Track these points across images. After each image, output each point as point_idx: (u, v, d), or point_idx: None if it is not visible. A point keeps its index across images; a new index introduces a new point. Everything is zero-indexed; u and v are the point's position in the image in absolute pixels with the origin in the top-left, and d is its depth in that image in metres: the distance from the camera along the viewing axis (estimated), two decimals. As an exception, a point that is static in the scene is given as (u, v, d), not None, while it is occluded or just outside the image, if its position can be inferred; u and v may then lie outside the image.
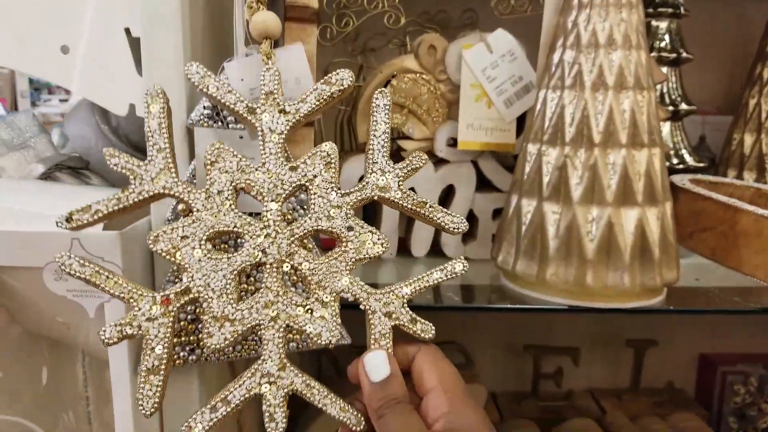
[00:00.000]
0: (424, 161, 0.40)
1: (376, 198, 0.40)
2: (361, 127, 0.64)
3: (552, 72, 0.54)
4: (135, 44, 0.46)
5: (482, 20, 0.84)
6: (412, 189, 0.65)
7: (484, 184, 0.66)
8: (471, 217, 0.67)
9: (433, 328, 0.40)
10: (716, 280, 0.61)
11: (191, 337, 0.44)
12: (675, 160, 0.75)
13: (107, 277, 0.36)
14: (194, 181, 0.44)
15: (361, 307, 0.39)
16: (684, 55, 0.75)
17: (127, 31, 0.46)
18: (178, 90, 0.44)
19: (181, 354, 0.45)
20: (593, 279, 0.51)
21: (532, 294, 0.55)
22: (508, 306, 0.54)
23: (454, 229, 0.40)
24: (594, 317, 0.98)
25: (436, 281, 0.40)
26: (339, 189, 0.39)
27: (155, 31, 0.45)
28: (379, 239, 0.39)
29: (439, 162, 0.66)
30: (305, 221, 0.39)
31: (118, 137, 0.70)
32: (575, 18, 0.53)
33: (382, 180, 0.39)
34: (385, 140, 0.39)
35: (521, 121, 0.64)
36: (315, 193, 0.38)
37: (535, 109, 0.56)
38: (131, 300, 0.37)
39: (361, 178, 0.41)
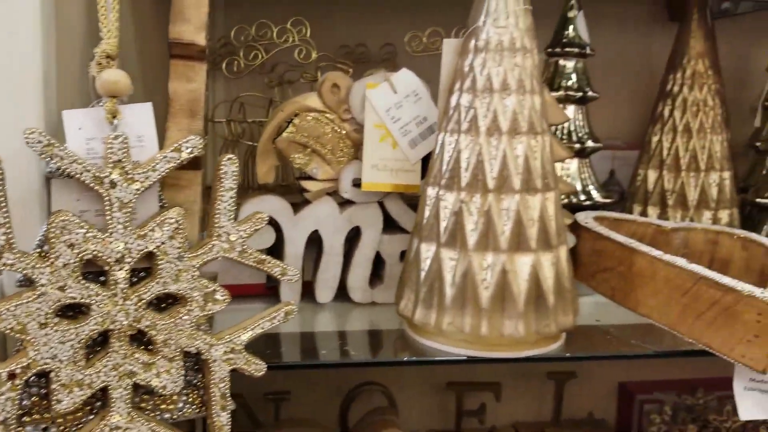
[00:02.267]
0: (264, 221, 0.44)
1: (220, 258, 0.43)
2: (260, 167, 0.62)
3: (450, 115, 0.54)
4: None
5: (400, 56, 0.84)
6: (317, 231, 0.63)
7: (391, 226, 0.65)
8: (379, 260, 0.65)
9: (265, 366, 0.45)
10: (617, 319, 0.61)
11: (44, 415, 0.41)
12: (582, 197, 0.76)
13: None
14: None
15: (203, 357, 0.43)
16: (590, 93, 0.76)
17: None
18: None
19: None
20: (488, 328, 0.50)
21: (431, 344, 0.53)
22: (405, 360, 0.53)
23: (289, 280, 0.46)
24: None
25: (268, 328, 0.45)
26: (185, 253, 0.41)
27: (13, 69, 0.42)
28: (221, 297, 0.43)
29: (345, 203, 0.64)
30: (152, 285, 0.41)
31: None
32: (471, 62, 0.53)
33: (227, 243, 0.43)
34: (231, 204, 0.43)
35: (427, 161, 0.64)
36: (162, 259, 0.41)
37: (434, 152, 0.55)
38: None
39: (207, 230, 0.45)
